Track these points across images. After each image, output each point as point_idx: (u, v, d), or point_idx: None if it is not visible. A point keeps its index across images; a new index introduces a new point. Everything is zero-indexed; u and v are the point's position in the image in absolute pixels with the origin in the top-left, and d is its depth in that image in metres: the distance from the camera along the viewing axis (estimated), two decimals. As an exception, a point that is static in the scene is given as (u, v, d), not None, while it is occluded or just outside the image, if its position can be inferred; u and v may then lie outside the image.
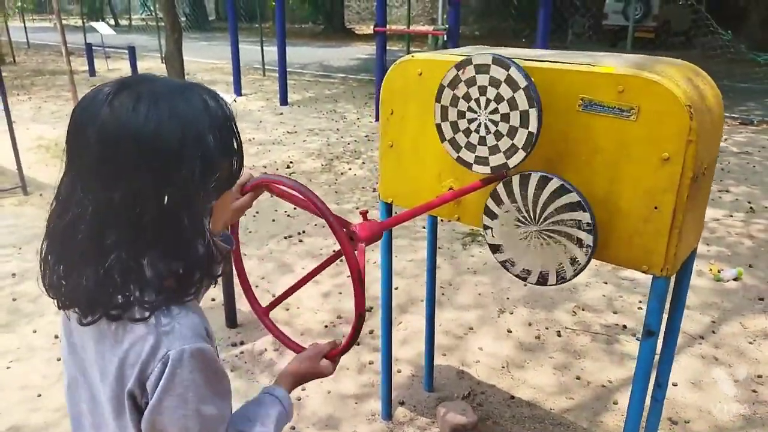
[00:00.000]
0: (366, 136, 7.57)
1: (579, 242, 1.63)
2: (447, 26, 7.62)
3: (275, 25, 9.88)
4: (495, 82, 1.65)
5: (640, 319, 3.39)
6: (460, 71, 1.70)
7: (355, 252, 1.21)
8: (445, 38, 7.57)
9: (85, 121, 0.83)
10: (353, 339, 1.17)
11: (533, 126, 1.61)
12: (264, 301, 1.51)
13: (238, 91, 10.36)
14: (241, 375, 2.89)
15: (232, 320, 3.32)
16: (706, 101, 1.57)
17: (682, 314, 1.98)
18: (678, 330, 1.99)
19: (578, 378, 2.91)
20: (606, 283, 3.82)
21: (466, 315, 3.47)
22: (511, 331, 3.30)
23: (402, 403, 2.72)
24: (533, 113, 1.60)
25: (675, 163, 1.51)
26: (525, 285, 3.79)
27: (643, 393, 1.75)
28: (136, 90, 0.83)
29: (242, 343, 3.15)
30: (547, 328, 3.34)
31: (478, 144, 1.74)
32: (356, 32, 24.00)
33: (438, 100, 1.78)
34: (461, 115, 1.75)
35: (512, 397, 2.76)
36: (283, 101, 9.51)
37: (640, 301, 3.59)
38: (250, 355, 3.06)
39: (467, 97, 1.72)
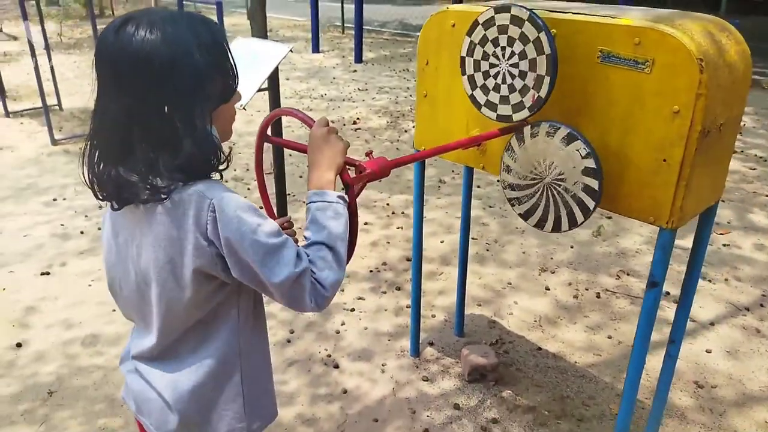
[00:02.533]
0: (435, 96, 7.59)
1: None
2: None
3: (355, -17, 9.95)
4: (514, 32, 1.71)
5: (685, 288, 3.34)
6: (483, 22, 1.76)
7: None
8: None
9: (101, 48, 1.03)
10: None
11: (544, 91, 1.67)
12: None
13: (315, 48, 10.59)
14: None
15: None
16: (725, 56, 1.57)
17: (699, 273, 2.00)
18: (694, 288, 2.01)
19: (609, 337, 2.96)
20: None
21: (508, 272, 3.55)
22: (549, 289, 3.36)
23: (431, 344, 2.88)
24: (547, 80, 1.66)
25: (684, 116, 1.53)
26: (571, 247, 3.82)
27: (645, 342, 1.81)
28: (137, 20, 1.02)
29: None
30: (587, 289, 3.37)
31: (500, 93, 1.81)
32: (441, -9, 23.54)
33: (469, 34, 1.85)
34: (484, 66, 1.82)
35: (539, 349, 2.86)
36: (358, 59, 9.65)
37: (690, 270, 3.53)
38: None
39: (495, 42, 1.78)
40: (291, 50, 2.84)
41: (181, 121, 1.02)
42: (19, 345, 2.88)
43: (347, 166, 1.35)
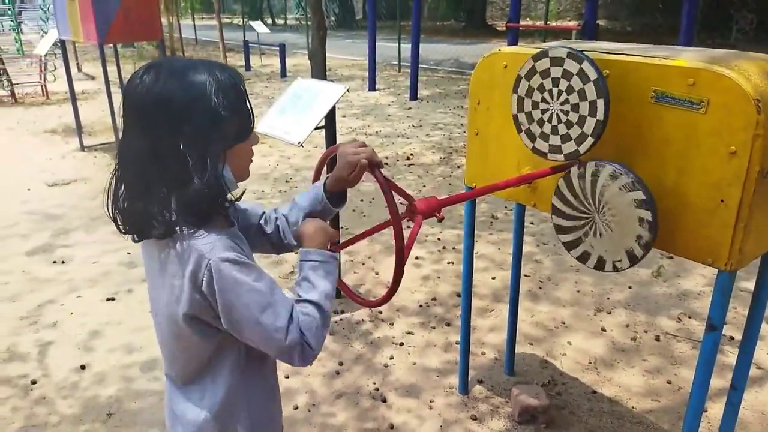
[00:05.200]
0: (489, 133, 7.62)
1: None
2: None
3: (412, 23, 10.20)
4: (567, 75, 1.73)
5: (752, 333, 3.18)
6: (537, 62, 1.80)
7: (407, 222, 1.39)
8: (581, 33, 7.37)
9: (127, 93, 1.12)
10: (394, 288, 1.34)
11: (601, 114, 1.67)
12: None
13: (372, 87, 10.86)
14: (337, 339, 3.19)
15: (337, 292, 3.63)
16: (784, 96, 1.53)
17: (762, 317, 1.92)
18: (757, 333, 1.93)
19: (669, 382, 2.84)
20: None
21: (561, 311, 3.48)
22: (605, 330, 3.27)
23: (480, 382, 2.84)
24: (601, 103, 1.66)
25: (741, 157, 1.50)
26: (630, 288, 3.71)
27: (704, 388, 1.75)
28: (158, 68, 1.10)
29: (342, 312, 3.44)
30: (645, 332, 3.26)
31: (551, 133, 1.83)
32: (497, 29, 23.74)
33: (515, 90, 1.90)
34: (535, 105, 1.85)
35: (594, 392, 2.77)
36: (413, 96, 9.82)
37: (757, 315, 3.36)
38: (348, 323, 3.34)
39: (541, 89, 1.82)
40: (348, 90, 2.95)
41: (193, 160, 1.08)
42: (83, 367, 3.02)
43: (400, 201, 1.40)
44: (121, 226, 1.18)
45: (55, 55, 10.83)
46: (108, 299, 3.68)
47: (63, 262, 4.20)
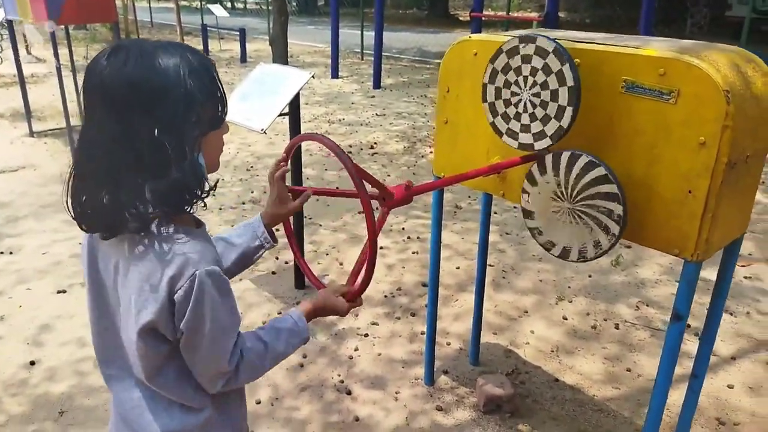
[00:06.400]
0: (453, 122, 7.62)
1: (610, 214, 1.66)
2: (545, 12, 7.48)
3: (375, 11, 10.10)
4: (547, 70, 1.70)
5: (707, 321, 3.27)
6: (522, 45, 1.76)
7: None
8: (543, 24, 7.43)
9: (91, 76, 1.02)
10: (365, 284, 1.30)
11: (566, 121, 1.66)
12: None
13: (335, 74, 10.73)
14: (301, 331, 3.13)
15: (300, 282, 3.57)
16: (752, 88, 1.55)
17: (723, 306, 1.95)
18: (718, 323, 1.97)
19: (629, 370, 2.89)
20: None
21: (524, 299, 3.51)
22: (566, 319, 3.30)
23: (446, 372, 2.83)
24: (569, 111, 1.65)
25: (710, 147, 1.51)
26: (590, 276, 3.77)
27: (668, 377, 1.77)
28: (127, 49, 1.01)
29: (306, 303, 3.39)
30: (605, 320, 3.31)
31: (513, 118, 1.82)
32: (460, 18, 23.80)
33: (492, 61, 1.85)
34: (507, 84, 1.82)
35: (556, 380, 2.80)
36: (377, 85, 9.74)
37: (712, 303, 3.45)
38: (312, 315, 3.29)
39: (518, 71, 1.78)
40: (313, 76, 2.87)
41: (171, 147, 1.01)
42: (32, 363, 2.88)
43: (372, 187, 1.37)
44: (83, 225, 1.08)
45: (1, 36, 10.30)
46: (59, 291, 3.52)
47: (11, 253, 4.00)
